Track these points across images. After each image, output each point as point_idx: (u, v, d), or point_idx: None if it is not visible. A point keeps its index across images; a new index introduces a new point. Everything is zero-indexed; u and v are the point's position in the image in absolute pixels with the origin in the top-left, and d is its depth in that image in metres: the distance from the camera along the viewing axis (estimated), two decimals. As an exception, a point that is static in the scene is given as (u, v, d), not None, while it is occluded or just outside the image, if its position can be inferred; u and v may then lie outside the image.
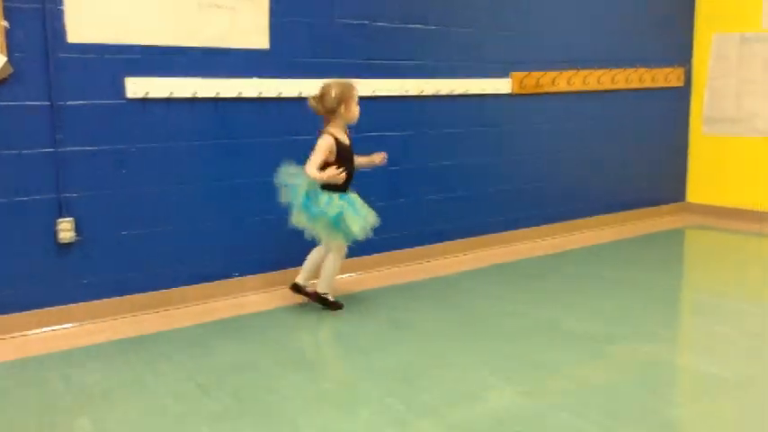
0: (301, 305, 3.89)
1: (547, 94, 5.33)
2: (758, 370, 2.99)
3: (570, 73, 5.44)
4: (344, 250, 3.83)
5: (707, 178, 6.42)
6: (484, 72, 4.99)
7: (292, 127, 4.20)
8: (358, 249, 4.50)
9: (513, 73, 5.13)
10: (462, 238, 5.02)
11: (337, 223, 3.60)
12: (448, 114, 4.87)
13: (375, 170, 4.52)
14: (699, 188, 6.50)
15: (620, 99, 5.85)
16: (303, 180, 3.61)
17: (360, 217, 3.65)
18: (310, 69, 4.20)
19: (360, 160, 3.86)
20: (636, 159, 6.12)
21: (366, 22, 4.41)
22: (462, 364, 3.07)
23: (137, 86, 3.67)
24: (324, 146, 3.60)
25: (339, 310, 3.79)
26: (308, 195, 3.61)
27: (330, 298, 3.84)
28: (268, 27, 4.03)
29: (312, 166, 3.54)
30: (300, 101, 4.18)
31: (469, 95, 4.92)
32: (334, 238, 3.70)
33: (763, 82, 5.92)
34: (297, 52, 4.16)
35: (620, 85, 5.80)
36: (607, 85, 5.71)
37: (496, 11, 5.01)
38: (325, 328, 3.61)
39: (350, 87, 3.70)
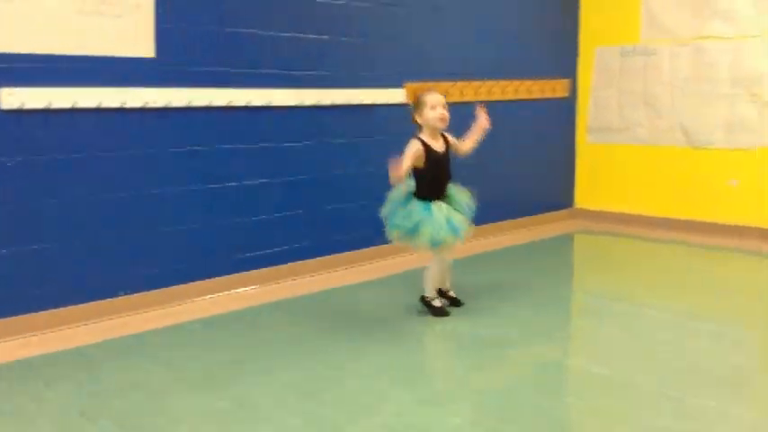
0: (192, 323, 3.77)
1: (440, 104, 5.41)
2: (642, 369, 3.11)
3: (463, 84, 5.55)
4: (440, 255, 3.76)
5: (593, 185, 6.70)
6: (378, 82, 5.02)
7: (182, 137, 4.07)
8: (259, 261, 4.43)
9: (407, 83, 5.18)
10: (361, 248, 5.01)
11: (412, 232, 3.57)
12: (343, 124, 4.86)
13: (271, 180, 4.48)
14: (586, 194, 6.77)
15: (510, 109, 6.02)
16: (397, 190, 3.65)
17: (436, 226, 3.54)
18: (200, 78, 4.09)
19: (467, 144, 3.83)
20: (526, 167, 6.31)
21: (257, 30, 4.34)
22: (363, 375, 3.05)
23: (12, 97, 3.46)
24: (408, 151, 3.56)
25: (442, 316, 3.75)
26: (395, 206, 3.64)
27: (435, 303, 3.81)
28: (153, 35, 3.89)
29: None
30: (191, 110, 4.08)
31: (365, 105, 4.94)
32: (416, 246, 3.66)
33: (642, 93, 6.24)
34: (185, 61, 4.04)
35: (510, 95, 5.97)
36: (498, 96, 5.86)
37: (389, 22, 5.06)
38: (222, 345, 3.50)
39: (424, 94, 3.71)
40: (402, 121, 5.21)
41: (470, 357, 3.25)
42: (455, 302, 3.93)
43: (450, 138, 3.79)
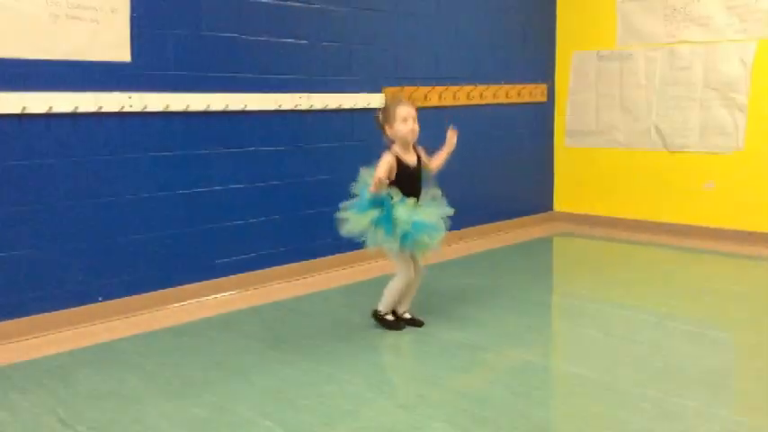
0: (167, 330, 3.74)
1: (419, 108, 5.40)
2: (622, 369, 3.13)
3: (441, 88, 5.57)
4: (409, 272, 3.57)
5: (572, 188, 6.74)
6: (357, 87, 5.02)
7: (159, 142, 4.04)
8: (236, 266, 4.41)
9: (386, 88, 5.19)
10: (338, 253, 4.99)
11: (385, 221, 3.36)
12: (322, 129, 4.85)
13: (247, 186, 4.46)
14: (565, 198, 6.82)
15: (488, 114, 6.05)
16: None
17: (406, 213, 3.37)
18: (176, 83, 4.07)
19: (435, 162, 3.67)
20: (505, 171, 6.33)
21: (235, 35, 4.32)
22: (341, 380, 3.04)
23: (-15, 101, 3.42)
24: (381, 163, 3.43)
25: (397, 330, 3.63)
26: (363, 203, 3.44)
27: (388, 318, 3.69)
28: (129, 39, 3.86)
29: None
30: (167, 115, 4.05)
31: (343, 110, 4.93)
32: (384, 242, 3.41)
33: (619, 96, 6.29)
34: (161, 65, 4.01)
35: (488, 100, 6.00)
36: (476, 101, 5.88)
37: (367, 26, 5.06)
38: (197, 352, 3.47)
39: (394, 105, 3.55)
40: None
41: (448, 361, 3.25)
42: (414, 323, 3.72)
43: (422, 153, 3.65)
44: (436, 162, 3.69)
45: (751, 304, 4.12)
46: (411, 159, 3.55)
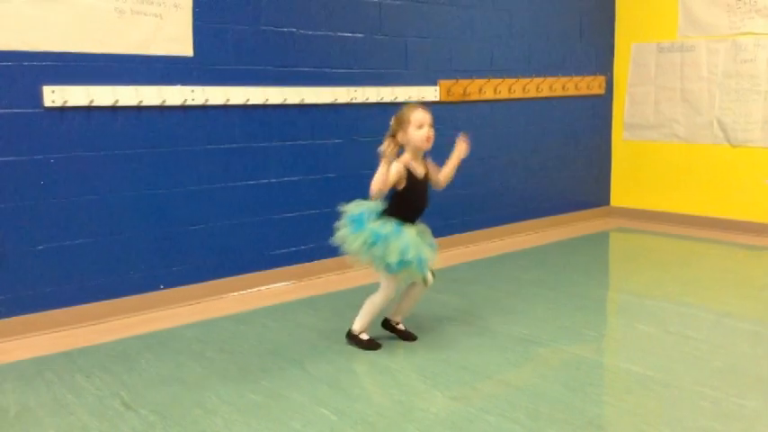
0: (224, 318, 3.83)
1: (474, 101, 5.41)
2: (679, 367, 3.08)
3: (497, 81, 5.53)
4: (393, 290, 3.31)
5: (629, 183, 6.63)
6: (412, 80, 5.03)
7: (219, 135, 4.14)
8: (292, 257, 4.48)
9: (441, 81, 5.18)
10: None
11: (375, 243, 3.15)
12: (378, 122, 4.88)
13: (303, 178, 4.52)
14: (622, 192, 6.70)
15: (545, 107, 5.99)
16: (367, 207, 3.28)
17: (406, 244, 3.14)
18: (236, 77, 4.16)
19: (444, 172, 3.41)
20: (561, 165, 6.26)
21: (293, 29, 4.38)
22: (394, 371, 3.07)
23: (55, 95, 3.55)
24: (392, 168, 3.18)
25: (375, 350, 3.34)
26: (361, 218, 3.25)
27: (363, 337, 3.38)
28: (191, 34, 3.96)
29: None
30: (227, 108, 4.14)
31: (399, 103, 4.95)
32: (376, 263, 3.21)
33: (679, 89, 6.15)
34: (222, 59, 4.10)
35: (545, 93, 5.93)
36: (532, 94, 5.83)
37: (422, 19, 5.06)
38: (254, 339, 3.55)
39: (409, 111, 3.28)
40: (437, 119, 5.23)
41: (502, 355, 3.25)
42: (406, 336, 3.49)
43: (431, 167, 3.40)
44: (445, 172, 3.41)
45: (816, 304, 4.00)
46: (421, 171, 3.31)
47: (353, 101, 4.68)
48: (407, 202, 3.27)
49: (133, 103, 3.79)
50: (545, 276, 4.62)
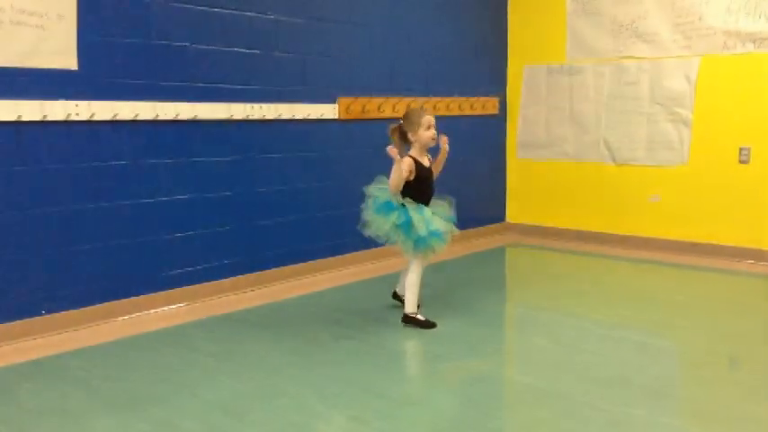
0: (113, 343, 3.66)
1: (373, 119, 5.43)
2: (571, 378, 3.16)
3: (395, 99, 5.58)
4: (421, 267, 3.92)
5: (523, 199, 6.83)
6: (311, 97, 5.00)
7: (106, 151, 3.96)
8: (185, 278, 4.34)
9: (341, 98, 5.18)
10: (292, 264, 4.96)
11: (404, 226, 3.75)
12: (276, 139, 4.82)
13: (196, 196, 4.40)
14: (516, 209, 6.90)
15: (442, 126, 5.98)
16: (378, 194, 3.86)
17: (427, 223, 3.78)
18: (125, 91, 4.00)
19: (437, 166, 4.08)
20: (458, 182, 6.35)
21: (186, 43, 4.27)
22: (291, 393, 3.00)
23: None
24: (404, 163, 3.79)
25: (431, 328, 3.81)
26: (384, 205, 3.82)
27: (420, 318, 3.87)
28: (76, 47, 3.78)
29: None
30: (115, 124, 3.97)
31: (296, 120, 4.91)
32: (404, 242, 3.80)
33: (569, 110, 6.41)
34: (109, 73, 3.94)
35: (442, 112, 6.03)
36: (429, 113, 5.89)
37: (321, 37, 5.05)
38: (144, 365, 3.39)
39: (419, 113, 3.95)
40: (336, 137, 5.22)
41: (402, 373, 3.24)
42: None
43: (430, 158, 4.05)
44: (438, 167, 4.10)
45: (695, 314, 4.22)
46: (426, 163, 3.96)
47: (250, 117, 4.60)
48: (419, 190, 3.88)
49: (12, 118, 3.57)
50: (441, 292, 4.66)
